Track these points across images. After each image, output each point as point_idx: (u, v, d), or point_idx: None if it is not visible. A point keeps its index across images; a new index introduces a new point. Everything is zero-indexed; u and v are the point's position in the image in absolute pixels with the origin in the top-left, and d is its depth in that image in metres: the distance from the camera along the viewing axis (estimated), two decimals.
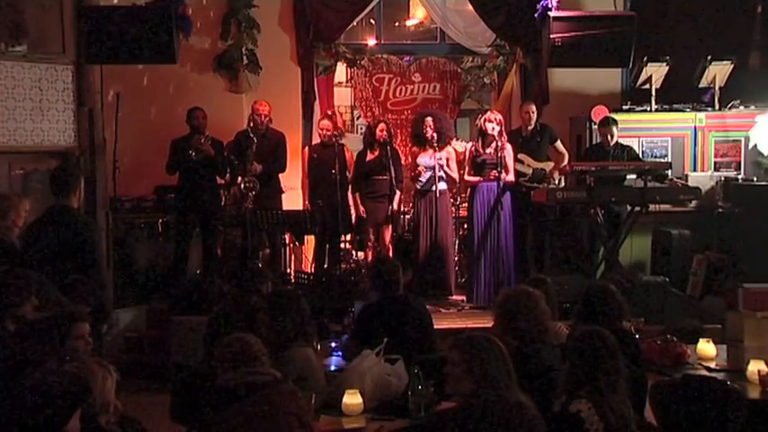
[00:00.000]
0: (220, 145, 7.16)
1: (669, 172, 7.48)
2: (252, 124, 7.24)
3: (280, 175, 7.37)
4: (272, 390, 3.04)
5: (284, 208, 7.30)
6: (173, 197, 7.34)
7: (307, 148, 7.57)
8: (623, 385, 3.02)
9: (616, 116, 7.53)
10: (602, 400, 2.92)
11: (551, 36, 7.19)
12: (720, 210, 7.43)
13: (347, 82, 9.44)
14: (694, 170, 7.80)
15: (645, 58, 7.73)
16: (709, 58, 7.76)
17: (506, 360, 2.92)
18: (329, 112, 8.00)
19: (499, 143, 6.91)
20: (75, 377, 2.60)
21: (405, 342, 4.21)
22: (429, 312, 4.88)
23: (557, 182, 7.38)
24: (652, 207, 6.92)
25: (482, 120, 7.12)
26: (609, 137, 7.29)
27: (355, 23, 8.78)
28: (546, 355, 3.51)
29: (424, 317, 4.72)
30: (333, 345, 4.66)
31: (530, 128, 7.41)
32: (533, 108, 7.40)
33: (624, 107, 7.98)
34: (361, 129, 9.87)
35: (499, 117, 7.12)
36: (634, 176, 7.17)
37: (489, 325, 4.28)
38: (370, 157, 7.32)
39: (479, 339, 2.98)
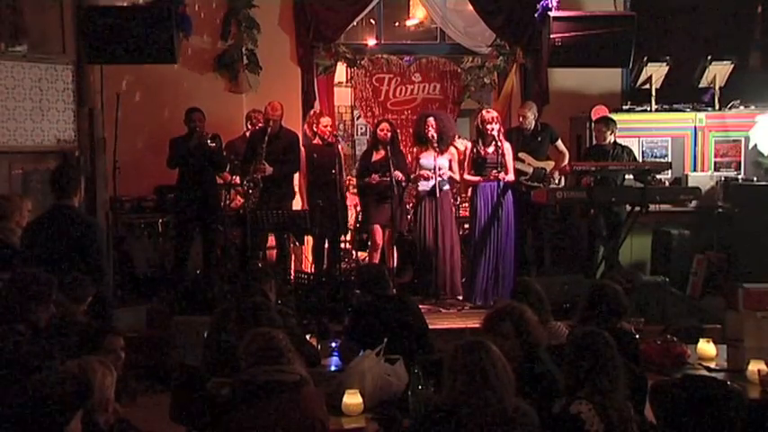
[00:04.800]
0: (220, 141, 7.15)
1: (670, 172, 7.52)
2: (255, 124, 7.23)
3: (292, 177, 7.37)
4: (301, 391, 3.02)
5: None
6: (173, 197, 7.33)
7: (303, 147, 7.54)
8: (623, 386, 3.02)
9: (616, 116, 7.52)
10: (602, 400, 2.92)
11: (551, 36, 7.19)
12: (720, 210, 7.42)
13: (347, 82, 9.43)
14: (694, 170, 7.79)
15: (645, 58, 7.72)
16: (709, 58, 7.75)
17: (504, 367, 2.90)
18: (317, 111, 7.96)
19: (498, 143, 6.90)
20: (77, 378, 2.60)
21: (399, 340, 4.22)
22: (421, 311, 4.90)
23: (557, 181, 7.38)
24: (652, 207, 6.93)
25: (479, 121, 7.09)
26: (602, 134, 7.24)
27: (355, 23, 8.77)
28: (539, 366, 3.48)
29: (416, 315, 4.74)
30: (333, 345, 4.66)
31: (530, 127, 7.40)
32: (526, 113, 7.35)
33: (624, 107, 7.98)
34: (362, 128, 9.88)
35: (495, 115, 7.09)
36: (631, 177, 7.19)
37: None
38: (376, 157, 7.30)
39: (478, 345, 2.96)
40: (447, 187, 7.13)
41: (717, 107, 7.89)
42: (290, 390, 2.98)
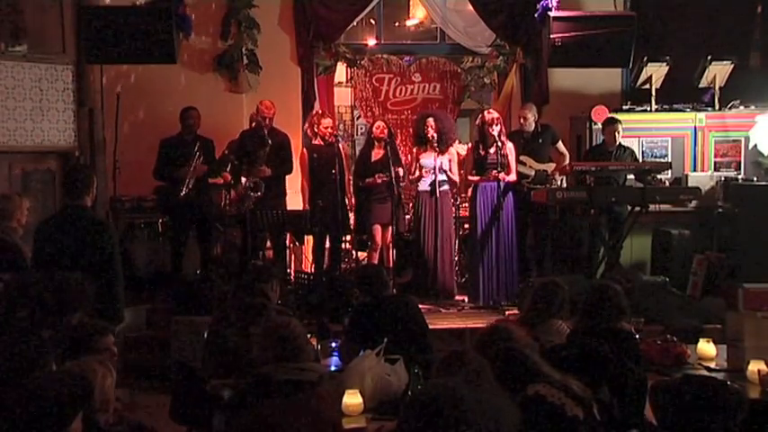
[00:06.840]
0: (211, 144, 7.15)
1: (670, 172, 7.52)
2: (255, 124, 7.23)
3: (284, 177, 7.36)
4: (316, 392, 3.00)
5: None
6: (166, 198, 7.31)
7: (305, 149, 7.55)
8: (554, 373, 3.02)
9: (616, 116, 7.53)
10: (551, 377, 2.92)
11: (551, 36, 7.20)
12: (720, 210, 7.43)
13: (347, 82, 9.43)
14: (694, 170, 7.80)
15: (645, 58, 7.73)
16: (709, 58, 7.75)
17: (488, 376, 2.92)
18: (320, 111, 7.98)
19: (500, 143, 6.89)
20: (78, 379, 2.60)
21: (399, 340, 4.21)
22: (421, 311, 4.90)
23: (558, 183, 7.36)
24: (652, 207, 6.93)
25: (481, 122, 7.10)
26: (615, 134, 7.25)
27: (355, 23, 8.77)
28: None
29: (417, 316, 4.74)
30: (333, 345, 4.66)
31: (530, 129, 7.39)
32: (526, 113, 7.36)
33: (624, 107, 7.98)
34: (362, 128, 9.87)
35: (496, 116, 7.09)
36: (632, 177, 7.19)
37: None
38: (375, 157, 7.30)
39: (467, 355, 2.97)
40: (446, 187, 7.13)
41: (717, 107, 7.89)
42: (307, 390, 2.96)
